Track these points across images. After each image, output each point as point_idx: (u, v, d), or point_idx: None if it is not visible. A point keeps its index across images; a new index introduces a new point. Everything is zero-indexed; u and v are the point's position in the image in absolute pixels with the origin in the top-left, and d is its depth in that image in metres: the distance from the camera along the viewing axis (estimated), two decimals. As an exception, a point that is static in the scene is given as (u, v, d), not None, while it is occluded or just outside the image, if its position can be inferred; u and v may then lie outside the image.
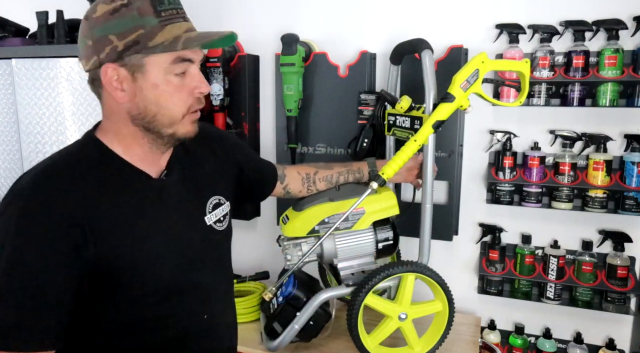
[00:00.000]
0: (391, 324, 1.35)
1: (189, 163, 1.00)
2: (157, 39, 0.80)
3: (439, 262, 1.60)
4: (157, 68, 0.82)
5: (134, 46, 0.80)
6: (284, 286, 1.39)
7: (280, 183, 1.33)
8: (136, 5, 0.79)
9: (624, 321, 1.63)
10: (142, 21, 0.79)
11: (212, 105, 1.80)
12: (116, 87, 0.83)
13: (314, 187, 1.40)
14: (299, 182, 1.38)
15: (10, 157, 1.85)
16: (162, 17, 0.80)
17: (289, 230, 1.39)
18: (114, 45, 0.80)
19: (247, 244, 2.05)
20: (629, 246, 1.57)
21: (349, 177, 1.44)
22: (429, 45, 1.34)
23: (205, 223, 0.99)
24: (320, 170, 1.40)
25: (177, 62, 0.83)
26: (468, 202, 1.74)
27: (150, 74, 0.82)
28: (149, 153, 0.90)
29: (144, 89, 0.83)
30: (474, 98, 1.33)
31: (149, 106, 0.84)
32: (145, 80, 0.82)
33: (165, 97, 0.84)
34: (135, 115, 0.85)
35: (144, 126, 0.86)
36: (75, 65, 1.68)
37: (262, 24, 1.90)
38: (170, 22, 0.81)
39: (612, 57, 1.47)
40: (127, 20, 0.79)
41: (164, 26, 0.80)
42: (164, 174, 0.94)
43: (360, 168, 1.45)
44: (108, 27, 0.80)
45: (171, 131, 0.87)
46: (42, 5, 1.78)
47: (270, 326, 1.40)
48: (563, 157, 1.57)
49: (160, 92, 0.83)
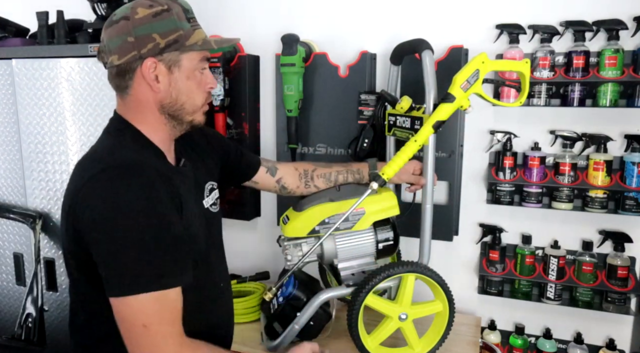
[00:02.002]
0: (391, 324, 1.35)
1: (187, 153, 1.13)
2: (191, 40, 0.97)
3: (439, 262, 1.60)
4: (190, 63, 0.99)
5: (173, 44, 0.95)
6: (284, 286, 1.39)
7: (271, 176, 1.40)
8: (175, 11, 0.96)
9: (624, 321, 1.63)
10: (181, 24, 0.96)
11: (212, 105, 1.80)
12: (153, 78, 0.96)
13: (311, 183, 1.43)
14: (296, 177, 1.42)
15: (10, 157, 1.85)
16: (191, 22, 0.99)
17: (289, 230, 1.39)
18: (157, 42, 0.94)
19: (247, 244, 2.05)
20: (629, 246, 1.57)
21: (347, 177, 1.46)
22: (429, 45, 1.34)
23: (204, 205, 1.12)
24: (318, 168, 1.45)
25: (202, 60, 1.01)
26: (468, 202, 1.74)
27: (185, 68, 0.98)
28: (167, 140, 1.05)
29: (178, 80, 0.98)
30: (474, 98, 1.33)
31: (180, 95, 0.99)
32: (181, 73, 0.98)
33: (193, 89, 1.01)
34: (166, 103, 0.99)
35: (169, 113, 1.01)
36: (75, 65, 1.68)
37: (262, 24, 1.90)
38: (197, 27, 1.00)
39: (612, 57, 1.47)
40: (168, 22, 0.95)
41: (194, 30, 0.99)
42: (182, 163, 1.08)
43: (360, 169, 1.47)
44: (152, 26, 0.94)
45: (191, 118, 1.03)
46: (42, 5, 1.78)
47: (270, 326, 1.40)
48: (563, 157, 1.57)
49: (191, 83, 1.00)
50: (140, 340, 0.88)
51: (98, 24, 1.70)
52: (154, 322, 0.87)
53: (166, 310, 0.89)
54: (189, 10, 0.99)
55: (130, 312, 0.87)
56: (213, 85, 1.05)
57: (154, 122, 1.01)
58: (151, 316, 0.87)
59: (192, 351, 0.92)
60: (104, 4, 1.68)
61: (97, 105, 1.68)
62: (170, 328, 0.89)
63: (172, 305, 0.90)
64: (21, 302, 1.83)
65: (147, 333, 0.87)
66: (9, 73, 1.78)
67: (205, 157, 1.19)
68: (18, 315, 1.82)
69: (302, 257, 1.37)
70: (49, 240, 1.83)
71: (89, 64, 1.66)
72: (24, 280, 1.91)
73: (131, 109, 1.01)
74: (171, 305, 0.90)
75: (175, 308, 0.90)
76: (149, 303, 0.86)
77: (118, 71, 0.97)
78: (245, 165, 1.38)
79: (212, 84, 1.04)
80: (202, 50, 1.00)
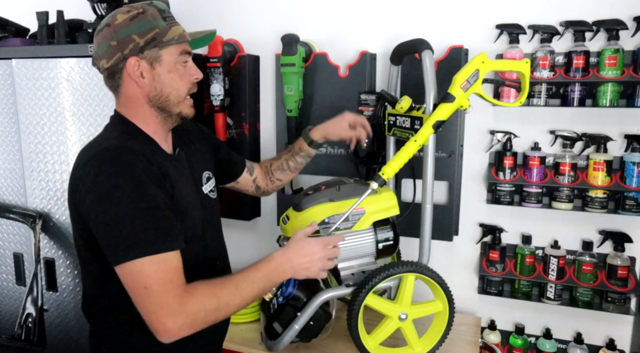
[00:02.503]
0: (391, 324, 1.35)
1: (184, 145, 1.23)
2: (168, 36, 1.06)
3: (439, 262, 1.60)
4: (170, 57, 1.07)
5: (152, 41, 1.04)
6: (284, 286, 1.39)
7: (249, 176, 1.50)
8: (149, 12, 1.05)
9: (624, 321, 1.63)
10: (156, 23, 1.05)
11: (212, 105, 1.80)
12: (138, 74, 1.06)
13: (273, 177, 1.53)
14: (263, 176, 1.53)
15: (11, 157, 1.85)
16: (167, 20, 1.07)
17: (289, 230, 1.39)
18: (136, 42, 1.04)
19: (247, 244, 2.05)
20: (629, 246, 1.57)
21: (296, 159, 1.51)
22: (429, 45, 1.34)
23: (203, 191, 1.24)
24: (273, 161, 1.54)
25: (182, 54, 1.09)
26: (468, 202, 1.74)
27: (165, 62, 1.07)
28: (161, 131, 1.14)
29: (160, 74, 1.07)
30: (474, 98, 1.33)
31: (164, 88, 1.08)
32: (162, 67, 1.07)
33: (176, 80, 1.09)
34: (152, 96, 1.09)
35: (157, 106, 1.10)
36: (75, 65, 1.68)
37: (262, 24, 1.90)
38: (173, 24, 1.08)
39: (612, 57, 1.47)
40: (145, 23, 1.04)
41: (170, 27, 1.07)
42: (177, 151, 1.18)
43: (300, 146, 1.50)
44: (130, 29, 1.04)
45: (177, 110, 1.12)
46: (42, 5, 1.78)
47: (270, 326, 1.40)
48: (563, 157, 1.57)
49: (172, 75, 1.08)
50: (144, 301, 0.96)
51: (98, 24, 1.70)
52: (153, 283, 0.94)
53: (162, 271, 0.96)
54: (164, 10, 1.08)
55: (130, 277, 0.96)
56: (198, 76, 1.13)
57: (145, 115, 1.11)
58: (149, 278, 0.94)
59: (192, 297, 0.98)
60: (104, 4, 1.68)
61: (97, 105, 1.68)
62: (169, 285, 0.96)
63: (169, 266, 0.97)
64: (21, 302, 1.83)
65: (149, 294, 0.95)
66: (9, 73, 1.78)
67: (201, 149, 1.30)
68: (18, 315, 1.81)
69: (302, 257, 1.37)
70: (49, 240, 1.83)
71: (89, 64, 1.66)
72: (24, 280, 1.91)
73: (125, 105, 1.11)
74: (167, 266, 0.97)
75: (171, 268, 0.97)
76: (145, 267, 0.94)
77: (109, 73, 1.08)
78: (232, 163, 1.47)
79: (196, 74, 1.13)
80: (180, 44, 1.08)
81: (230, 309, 1.04)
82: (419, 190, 1.54)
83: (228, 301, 1.02)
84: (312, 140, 1.47)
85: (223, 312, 1.02)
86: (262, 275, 1.10)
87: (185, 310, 0.96)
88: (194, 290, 0.99)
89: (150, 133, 1.12)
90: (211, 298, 1.00)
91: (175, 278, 0.97)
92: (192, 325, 0.98)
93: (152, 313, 0.95)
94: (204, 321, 0.99)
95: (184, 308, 0.96)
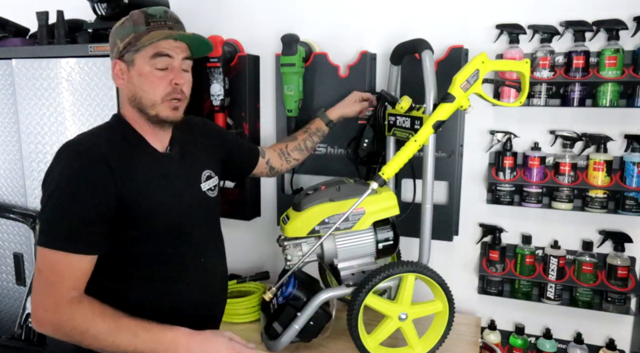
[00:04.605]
0: (391, 324, 1.35)
1: (184, 143, 1.27)
2: (142, 40, 1.09)
3: (439, 262, 1.60)
4: (142, 61, 1.11)
5: (128, 46, 1.10)
6: (284, 286, 1.39)
7: (263, 159, 1.55)
8: (133, 18, 1.11)
9: (624, 321, 1.63)
10: (135, 28, 1.10)
11: (212, 105, 1.80)
12: (119, 76, 1.15)
13: (290, 157, 1.60)
14: (277, 157, 1.58)
15: (10, 157, 1.85)
16: (150, 25, 1.10)
17: (289, 230, 1.39)
18: (118, 46, 1.12)
19: (247, 244, 2.05)
20: (629, 246, 1.57)
21: (313, 139, 1.62)
22: (429, 45, 1.34)
23: (201, 189, 1.26)
24: (289, 143, 1.61)
25: (156, 56, 1.10)
26: (468, 202, 1.74)
27: (137, 65, 1.11)
28: (150, 129, 1.18)
29: (133, 77, 1.12)
30: (474, 98, 1.33)
31: (136, 91, 1.13)
32: (134, 70, 1.12)
33: (147, 83, 1.12)
34: (130, 98, 1.15)
35: (136, 107, 1.15)
36: (75, 65, 1.68)
37: (262, 24, 1.90)
38: (155, 29, 1.10)
39: (612, 57, 1.47)
40: (125, 27, 1.12)
41: (149, 31, 1.09)
42: (168, 149, 1.21)
43: (317, 127, 1.62)
44: (116, 34, 1.14)
45: (154, 112, 1.14)
46: (42, 5, 1.78)
47: (270, 326, 1.40)
48: (563, 157, 1.57)
49: (143, 79, 1.12)
50: (36, 283, 1.04)
51: (98, 24, 1.70)
52: (47, 273, 1.03)
53: (60, 267, 1.02)
54: (154, 15, 1.11)
55: (38, 259, 1.05)
56: (177, 80, 1.13)
57: (130, 114, 1.17)
58: (46, 267, 1.03)
59: (70, 306, 1.01)
60: (104, 4, 1.68)
61: (97, 105, 1.68)
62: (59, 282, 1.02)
63: (69, 266, 1.03)
64: (21, 302, 1.83)
65: (40, 280, 1.04)
66: (9, 73, 1.78)
67: (206, 147, 1.34)
68: (18, 315, 1.82)
69: (302, 257, 1.37)
70: (49, 240, 1.83)
71: (89, 64, 1.66)
72: (24, 280, 1.91)
73: (121, 104, 1.20)
74: (67, 266, 1.03)
75: (70, 269, 1.03)
76: (48, 257, 1.03)
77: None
78: (247, 156, 1.52)
79: (176, 79, 1.13)
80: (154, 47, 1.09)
81: (97, 343, 1.01)
82: (419, 190, 1.54)
83: (98, 335, 1.00)
84: (330, 120, 1.61)
85: (89, 340, 1.01)
86: (148, 337, 1.02)
87: (57, 311, 1.01)
88: (77, 303, 1.02)
89: (141, 131, 1.17)
90: (84, 320, 1.01)
91: (68, 280, 1.03)
92: (56, 329, 1.03)
93: (34, 295, 1.04)
94: (67, 335, 1.02)
95: (56, 310, 1.01)
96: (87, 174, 1.05)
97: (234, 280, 1.81)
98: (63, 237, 1.03)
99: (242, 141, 1.57)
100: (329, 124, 1.62)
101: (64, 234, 1.03)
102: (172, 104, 1.14)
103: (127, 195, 1.08)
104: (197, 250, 1.23)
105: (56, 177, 1.05)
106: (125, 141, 1.14)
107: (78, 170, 1.05)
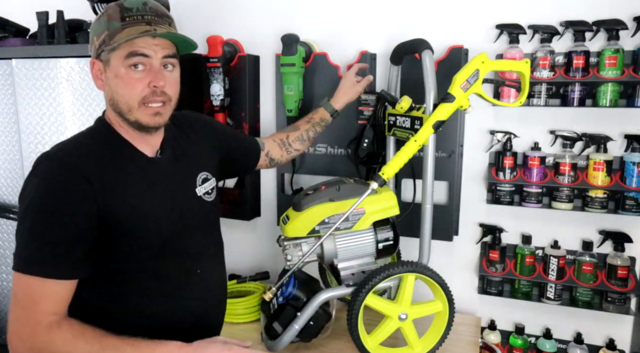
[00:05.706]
0: (391, 324, 1.35)
1: (178, 145, 1.17)
2: (116, 38, 0.97)
3: (439, 262, 1.60)
4: (117, 61, 1.00)
5: (103, 44, 1.00)
6: (284, 286, 1.39)
7: (262, 152, 1.47)
8: (108, 12, 1.00)
9: (624, 321, 1.63)
10: (108, 24, 0.99)
11: (212, 105, 1.80)
12: (98, 77, 1.05)
13: (291, 148, 1.54)
14: (277, 147, 1.51)
15: (10, 157, 1.85)
16: (126, 21, 0.98)
17: (289, 230, 1.39)
18: (95, 43, 1.02)
19: (247, 244, 2.05)
20: (629, 246, 1.57)
21: (316, 129, 1.56)
22: (429, 45, 1.34)
23: (196, 194, 1.17)
24: (290, 133, 1.54)
25: (130, 56, 0.99)
26: (468, 202, 1.74)
27: (112, 66, 1.01)
28: (133, 133, 1.07)
29: (109, 78, 1.02)
30: (474, 98, 1.33)
31: (113, 94, 1.03)
32: (110, 71, 1.01)
33: (122, 86, 1.01)
34: (109, 101, 1.05)
35: (116, 111, 1.04)
36: (75, 65, 1.68)
37: (262, 24, 1.90)
38: (131, 25, 0.98)
39: (612, 57, 1.47)
40: (100, 23, 1.01)
41: (124, 28, 0.98)
42: (158, 153, 1.12)
43: (320, 117, 1.57)
44: (93, 30, 1.03)
45: (132, 118, 1.03)
46: (42, 5, 1.78)
47: (270, 326, 1.40)
48: (563, 157, 1.57)
49: (119, 81, 1.01)
50: (12, 307, 0.97)
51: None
52: (23, 299, 0.95)
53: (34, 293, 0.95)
54: (130, 9, 0.98)
55: (14, 283, 0.96)
56: (155, 83, 1.00)
57: (114, 118, 1.07)
58: (21, 293, 0.95)
59: (48, 333, 0.94)
60: (104, 4, 1.68)
61: (97, 105, 1.67)
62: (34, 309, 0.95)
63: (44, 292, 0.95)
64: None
65: (15, 306, 0.96)
66: (9, 73, 1.78)
67: (200, 151, 1.23)
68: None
69: (302, 257, 1.37)
70: (49, 240, 1.83)
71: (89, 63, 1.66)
72: (24, 280, 1.91)
73: (106, 106, 1.09)
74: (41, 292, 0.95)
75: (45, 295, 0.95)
76: (22, 282, 0.95)
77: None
78: (248, 152, 1.45)
79: (154, 81, 1.00)
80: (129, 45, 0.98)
81: None
82: (419, 190, 1.54)
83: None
84: (335, 110, 1.57)
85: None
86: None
87: (34, 340, 0.95)
88: (57, 328, 0.95)
89: (127, 136, 1.07)
90: (65, 345, 0.94)
91: (45, 305, 0.95)
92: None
93: (10, 322, 0.97)
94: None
95: (33, 338, 0.95)
96: (63, 191, 0.96)
97: (234, 280, 1.81)
98: (38, 261, 0.95)
99: (241, 136, 1.50)
100: (333, 115, 1.57)
101: (38, 258, 0.95)
102: (152, 109, 1.02)
103: (110, 210, 0.99)
104: (192, 261, 1.15)
105: (30, 194, 0.97)
106: (109, 148, 1.05)
107: (53, 186, 0.96)
